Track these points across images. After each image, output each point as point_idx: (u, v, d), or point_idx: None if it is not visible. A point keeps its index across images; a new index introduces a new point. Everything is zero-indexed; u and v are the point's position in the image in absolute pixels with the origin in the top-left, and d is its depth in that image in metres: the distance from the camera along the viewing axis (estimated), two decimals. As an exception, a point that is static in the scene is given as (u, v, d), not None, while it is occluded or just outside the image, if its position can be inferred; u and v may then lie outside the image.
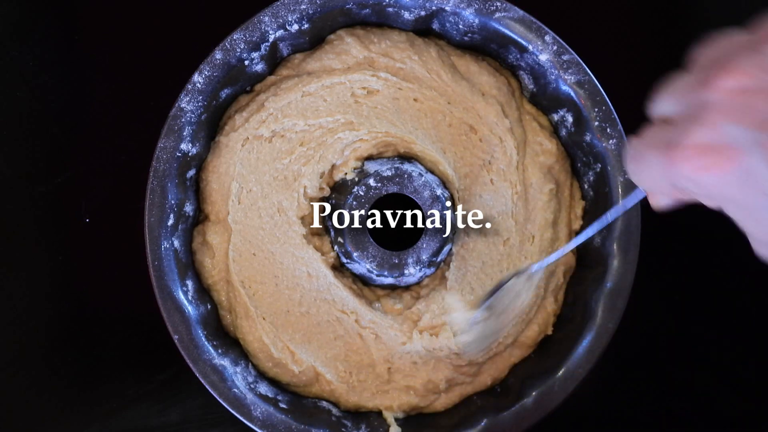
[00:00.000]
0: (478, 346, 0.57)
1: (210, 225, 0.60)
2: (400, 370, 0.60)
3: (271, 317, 0.59)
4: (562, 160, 0.62)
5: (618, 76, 0.65)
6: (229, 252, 0.59)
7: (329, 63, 0.60)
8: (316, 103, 0.60)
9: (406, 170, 0.59)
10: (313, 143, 0.60)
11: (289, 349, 0.59)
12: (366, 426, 0.59)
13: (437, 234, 0.59)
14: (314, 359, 0.59)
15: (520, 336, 0.61)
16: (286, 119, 0.59)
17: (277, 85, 0.60)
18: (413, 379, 0.60)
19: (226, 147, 0.59)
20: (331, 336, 0.60)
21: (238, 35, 0.57)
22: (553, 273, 0.61)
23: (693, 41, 0.36)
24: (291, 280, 0.60)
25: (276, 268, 0.60)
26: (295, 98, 0.59)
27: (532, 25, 0.58)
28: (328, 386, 0.60)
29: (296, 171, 0.60)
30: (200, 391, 0.57)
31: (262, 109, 0.59)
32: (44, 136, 0.66)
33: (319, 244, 0.60)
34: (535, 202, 0.61)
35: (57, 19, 0.67)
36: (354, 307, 0.59)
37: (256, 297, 0.59)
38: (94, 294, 0.66)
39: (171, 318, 0.57)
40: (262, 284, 0.59)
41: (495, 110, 0.60)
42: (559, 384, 0.58)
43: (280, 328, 0.59)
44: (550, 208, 0.61)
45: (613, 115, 0.58)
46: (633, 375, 0.67)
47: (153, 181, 0.56)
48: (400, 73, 0.60)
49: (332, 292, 0.59)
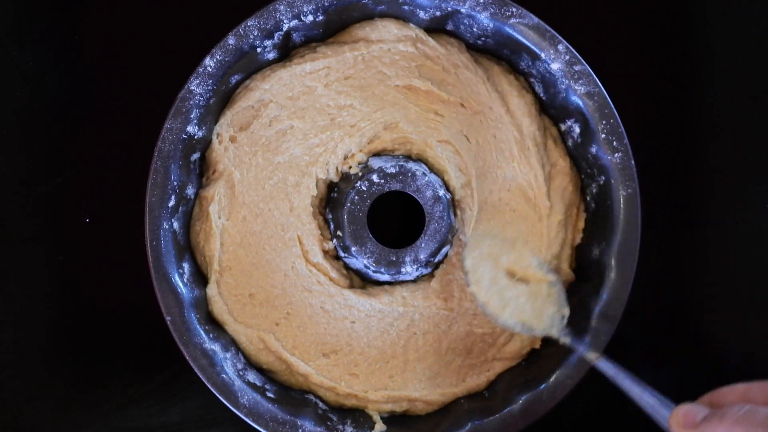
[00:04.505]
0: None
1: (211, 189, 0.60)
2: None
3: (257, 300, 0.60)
4: (575, 179, 0.62)
5: (626, 90, 0.65)
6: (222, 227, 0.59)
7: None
8: (358, 83, 0.60)
9: (410, 169, 0.59)
10: (338, 130, 0.60)
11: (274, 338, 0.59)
12: (351, 421, 0.59)
13: (437, 234, 0.59)
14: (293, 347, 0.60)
15: (503, 349, 0.61)
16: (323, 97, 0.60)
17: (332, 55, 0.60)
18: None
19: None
20: (316, 325, 0.60)
21: (252, 22, 0.57)
22: None
23: (701, 63, 0.37)
24: (280, 270, 0.60)
25: (268, 254, 0.60)
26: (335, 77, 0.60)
27: (546, 33, 0.58)
28: (301, 372, 0.60)
29: (320, 149, 0.60)
30: (200, 391, 0.57)
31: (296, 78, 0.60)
32: (44, 136, 0.66)
33: (318, 235, 0.60)
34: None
35: (57, 19, 0.67)
36: (348, 298, 0.60)
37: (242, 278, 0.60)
38: (94, 294, 0.66)
39: (165, 299, 0.56)
40: (246, 267, 0.60)
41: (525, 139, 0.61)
42: (548, 392, 0.58)
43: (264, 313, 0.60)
44: (558, 240, 0.61)
45: (621, 129, 0.58)
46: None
47: (157, 161, 0.56)
48: (444, 81, 0.60)
49: (320, 281, 0.60)
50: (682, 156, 0.68)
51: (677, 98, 0.68)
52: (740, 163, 0.68)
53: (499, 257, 0.58)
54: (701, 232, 0.68)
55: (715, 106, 0.69)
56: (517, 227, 0.61)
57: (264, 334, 0.59)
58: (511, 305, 0.57)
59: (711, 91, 0.69)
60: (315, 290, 0.60)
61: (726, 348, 0.68)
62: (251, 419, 0.57)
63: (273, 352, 0.59)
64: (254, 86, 0.59)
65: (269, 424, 0.57)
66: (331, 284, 0.60)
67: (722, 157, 0.68)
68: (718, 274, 0.68)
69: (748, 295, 0.68)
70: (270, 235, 0.60)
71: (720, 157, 0.68)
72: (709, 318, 0.68)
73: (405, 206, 0.62)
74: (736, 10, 0.68)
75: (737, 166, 0.68)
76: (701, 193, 0.69)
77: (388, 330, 0.60)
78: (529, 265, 0.58)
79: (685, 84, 0.69)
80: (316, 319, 0.60)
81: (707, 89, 0.69)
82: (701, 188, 0.69)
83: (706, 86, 0.69)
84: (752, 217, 0.68)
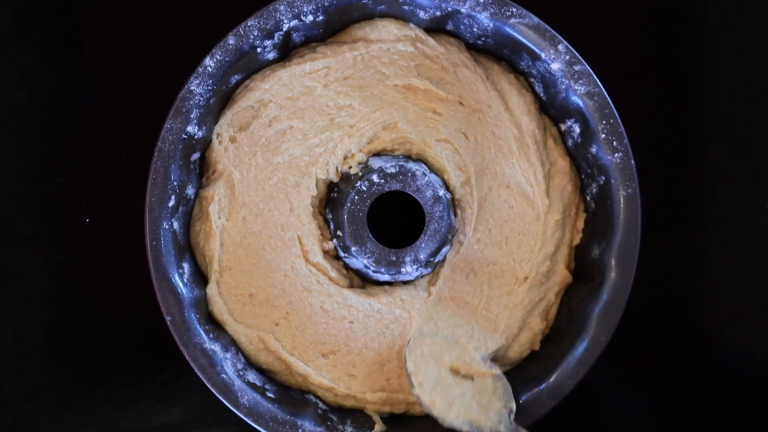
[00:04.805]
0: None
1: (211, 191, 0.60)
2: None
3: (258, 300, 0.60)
4: (574, 179, 0.62)
5: (626, 90, 0.65)
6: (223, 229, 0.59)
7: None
8: (356, 84, 0.60)
9: (410, 169, 0.59)
10: (337, 131, 0.60)
11: (273, 338, 0.59)
12: (351, 421, 0.59)
13: (437, 234, 0.59)
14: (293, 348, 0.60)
15: (504, 355, 0.61)
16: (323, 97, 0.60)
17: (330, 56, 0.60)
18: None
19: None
20: (315, 325, 0.60)
21: (252, 22, 0.57)
22: (542, 299, 0.61)
23: (701, 63, 0.37)
24: (280, 270, 0.60)
25: (268, 255, 0.60)
26: (335, 77, 0.60)
27: (546, 33, 0.58)
28: (300, 372, 0.60)
29: (320, 150, 0.60)
30: (200, 391, 0.57)
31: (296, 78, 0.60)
32: (44, 136, 0.66)
33: (318, 235, 0.60)
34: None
35: (57, 19, 0.67)
36: (348, 298, 0.60)
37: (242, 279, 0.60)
38: (94, 294, 0.66)
39: (165, 299, 0.56)
40: (247, 267, 0.60)
41: (526, 139, 0.61)
42: (547, 393, 0.58)
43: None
44: (554, 240, 0.61)
45: (621, 129, 0.58)
46: (625, 388, 0.67)
47: (157, 161, 0.56)
48: (443, 80, 0.60)
49: (320, 281, 0.60)
50: (682, 156, 0.68)
51: (677, 98, 0.69)
52: (740, 163, 0.68)
53: (441, 355, 0.57)
54: (701, 232, 0.68)
55: (715, 106, 0.69)
56: (514, 225, 0.61)
57: (264, 334, 0.59)
58: (457, 404, 0.56)
59: (711, 91, 0.69)
60: (314, 290, 0.60)
61: (726, 348, 0.68)
62: (251, 419, 0.57)
63: (273, 352, 0.59)
64: (254, 86, 0.59)
65: (269, 424, 0.57)
66: (330, 284, 0.60)
67: (722, 157, 0.68)
68: (718, 274, 0.68)
69: (748, 295, 0.68)
70: (270, 235, 0.60)
71: (720, 157, 0.68)
72: (709, 318, 0.68)
73: (405, 206, 0.62)
74: (736, 10, 0.68)
75: (737, 166, 0.68)
76: (701, 193, 0.69)
77: (384, 333, 0.60)
78: (473, 360, 0.57)
79: (685, 84, 0.69)
80: (315, 318, 0.60)
81: (707, 89, 0.69)
82: (701, 188, 0.69)
83: (706, 86, 0.69)
84: (752, 217, 0.68)
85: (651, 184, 0.60)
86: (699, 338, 0.68)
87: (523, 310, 0.61)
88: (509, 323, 0.60)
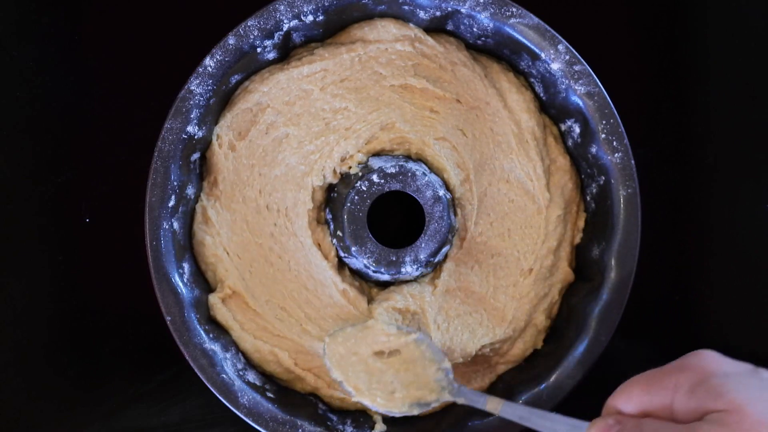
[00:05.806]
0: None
1: (212, 199, 0.60)
2: None
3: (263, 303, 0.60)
4: (574, 177, 0.62)
5: (626, 90, 0.65)
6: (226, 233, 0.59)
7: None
8: (353, 85, 0.60)
9: (410, 168, 0.59)
10: (333, 134, 0.60)
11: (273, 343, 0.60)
12: (351, 422, 0.59)
13: (437, 234, 0.59)
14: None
15: (507, 354, 0.61)
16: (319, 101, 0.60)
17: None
18: None
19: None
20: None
21: (252, 22, 0.57)
22: (546, 294, 0.61)
23: (701, 63, 0.37)
24: (286, 272, 0.60)
25: (273, 256, 0.60)
26: (332, 79, 0.60)
27: (546, 33, 0.58)
28: (310, 384, 0.60)
29: (315, 156, 0.60)
30: (200, 391, 0.57)
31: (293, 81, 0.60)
32: (44, 136, 0.66)
33: (320, 237, 0.60)
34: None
35: (57, 19, 0.67)
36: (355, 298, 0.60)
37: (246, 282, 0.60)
38: (94, 294, 0.66)
39: (165, 299, 0.56)
40: (253, 271, 0.60)
41: (527, 138, 0.61)
42: (547, 393, 0.58)
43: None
44: (555, 234, 0.61)
45: (621, 129, 0.58)
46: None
47: (157, 161, 0.56)
48: (441, 78, 0.60)
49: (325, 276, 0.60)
50: (682, 156, 0.68)
51: (677, 98, 0.69)
52: (740, 163, 0.68)
53: (358, 347, 0.56)
54: (701, 231, 0.68)
55: (714, 105, 0.69)
56: (515, 217, 0.61)
57: (279, 351, 0.59)
58: (397, 387, 0.54)
59: (711, 90, 0.69)
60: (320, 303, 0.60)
61: (726, 348, 0.68)
62: (251, 419, 0.57)
63: (284, 366, 0.59)
64: (253, 88, 0.59)
65: (269, 424, 0.57)
66: (338, 295, 0.60)
67: (722, 156, 0.68)
68: (718, 274, 0.68)
69: (748, 294, 0.68)
70: (277, 256, 0.59)
71: (719, 157, 0.68)
72: (709, 318, 0.68)
73: (405, 206, 0.62)
74: (736, 10, 0.68)
75: (737, 166, 0.68)
76: (701, 193, 0.69)
77: None
78: (389, 335, 0.56)
79: (685, 84, 0.69)
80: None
81: (707, 89, 0.69)
82: (701, 188, 0.69)
83: (706, 86, 0.69)
84: (752, 216, 0.68)
85: (651, 184, 0.60)
86: (699, 338, 0.68)
87: (529, 303, 0.60)
88: (516, 315, 0.60)
